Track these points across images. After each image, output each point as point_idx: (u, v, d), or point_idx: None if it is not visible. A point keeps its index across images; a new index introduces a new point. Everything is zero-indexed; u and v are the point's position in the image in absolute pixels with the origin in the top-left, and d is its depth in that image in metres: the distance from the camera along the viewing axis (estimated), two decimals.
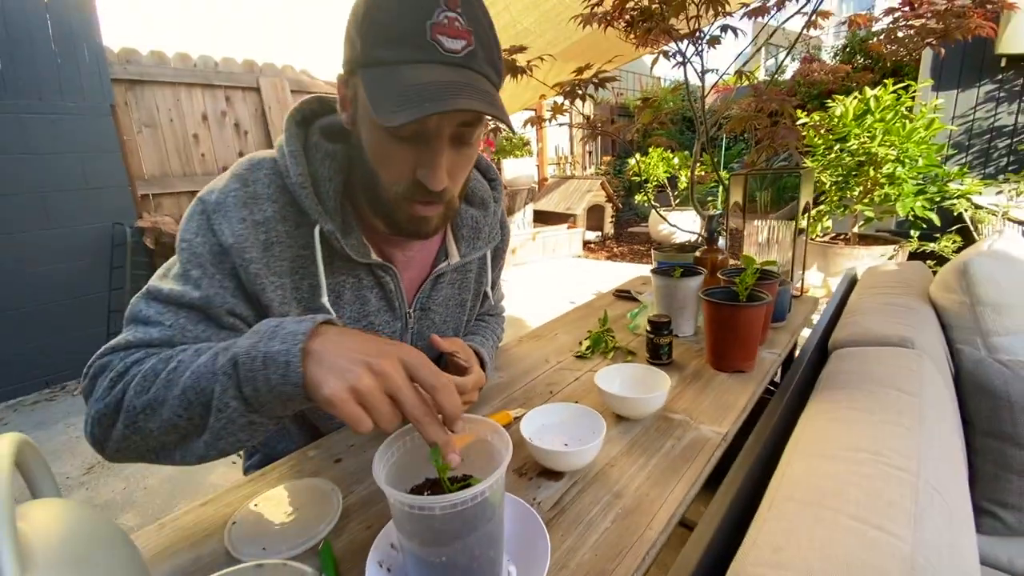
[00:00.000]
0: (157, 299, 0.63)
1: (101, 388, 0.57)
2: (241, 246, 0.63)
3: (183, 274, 0.63)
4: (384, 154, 0.61)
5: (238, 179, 0.66)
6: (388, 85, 0.54)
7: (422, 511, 0.42)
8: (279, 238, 0.66)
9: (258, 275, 0.65)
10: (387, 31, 0.54)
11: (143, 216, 3.23)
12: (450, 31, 0.54)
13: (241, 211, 0.64)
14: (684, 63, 1.75)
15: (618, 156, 8.15)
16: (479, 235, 0.83)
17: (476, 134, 0.62)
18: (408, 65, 0.54)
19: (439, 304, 0.84)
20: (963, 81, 3.88)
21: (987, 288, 1.06)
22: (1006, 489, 0.92)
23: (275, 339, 0.49)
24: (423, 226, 0.66)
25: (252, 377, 0.49)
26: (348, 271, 0.73)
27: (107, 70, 3.03)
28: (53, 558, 0.37)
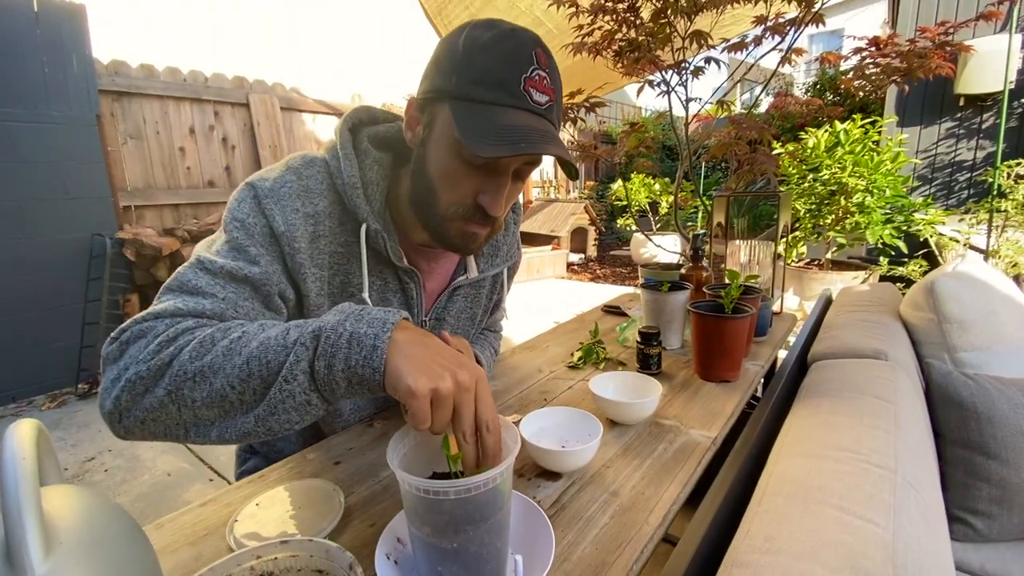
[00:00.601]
0: (210, 271, 0.62)
1: (144, 351, 0.54)
2: (292, 234, 0.67)
3: (238, 249, 0.64)
4: (452, 177, 0.66)
5: (293, 172, 0.70)
6: (482, 121, 0.60)
7: (436, 496, 0.44)
8: (325, 232, 0.71)
9: (303, 264, 0.68)
10: (487, 74, 0.61)
11: (124, 228, 3.19)
12: (539, 87, 0.62)
13: (295, 202, 0.68)
14: (668, 92, 1.84)
15: (601, 181, 8.34)
16: (497, 253, 0.89)
17: (531, 172, 0.71)
18: (501, 108, 0.61)
19: (453, 316, 0.88)
20: (925, 118, 4.12)
21: (952, 306, 1.13)
22: (976, 496, 0.97)
23: (362, 322, 0.50)
24: (472, 242, 0.71)
25: (332, 353, 0.49)
26: (376, 273, 0.77)
27: (95, 81, 3.02)
28: (75, 539, 0.38)
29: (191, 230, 3.32)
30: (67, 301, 2.96)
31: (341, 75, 4.24)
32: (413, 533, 0.48)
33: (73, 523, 0.39)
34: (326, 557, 0.36)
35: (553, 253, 5.85)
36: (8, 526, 0.35)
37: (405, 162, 0.75)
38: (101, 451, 2.32)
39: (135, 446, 2.34)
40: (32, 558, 0.34)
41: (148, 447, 2.33)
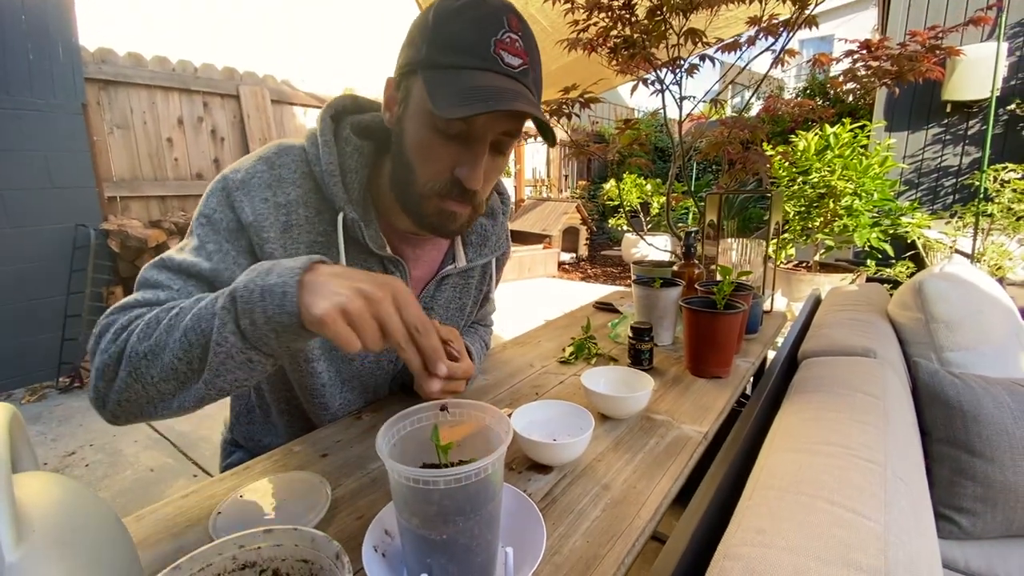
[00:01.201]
0: (168, 268, 0.66)
1: (105, 341, 0.59)
2: (260, 224, 0.67)
3: (198, 247, 0.66)
4: (428, 150, 0.64)
5: (265, 161, 0.69)
6: (450, 84, 0.58)
7: (426, 485, 0.43)
8: (298, 221, 0.70)
9: (273, 254, 0.68)
10: (455, 40, 0.60)
11: (109, 218, 3.13)
12: (511, 49, 0.60)
13: (264, 192, 0.67)
14: (663, 90, 1.84)
15: (593, 181, 8.36)
16: (486, 242, 0.88)
17: (511, 145, 0.67)
18: (470, 71, 0.59)
19: (441, 306, 0.87)
20: (913, 124, 4.18)
21: (939, 306, 1.14)
22: (961, 494, 0.98)
23: (271, 274, 0.52)
24: (450, 222, 0.69)
25: (250, 310, 0.51)
26: (361, 262, 0.75)
27: (81, 68, 2.95)
28: (49, 527, 0.37)
29: (178, 222, 3.27)
30: (49, 293, 2.90)
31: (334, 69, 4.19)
32: (402, 524, 0.47)
33: (47, 511, 0.38)
34: (311, 546, 0.35)
35: (544, 252, 5.85)
36: None
37: (387, 151, 0.73)
38: (82, 445, 2.27)
39: (117, 441, 2.30)
40: (2, 546, 0.33)
41: (131, 442, 2.29)
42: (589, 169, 8.51)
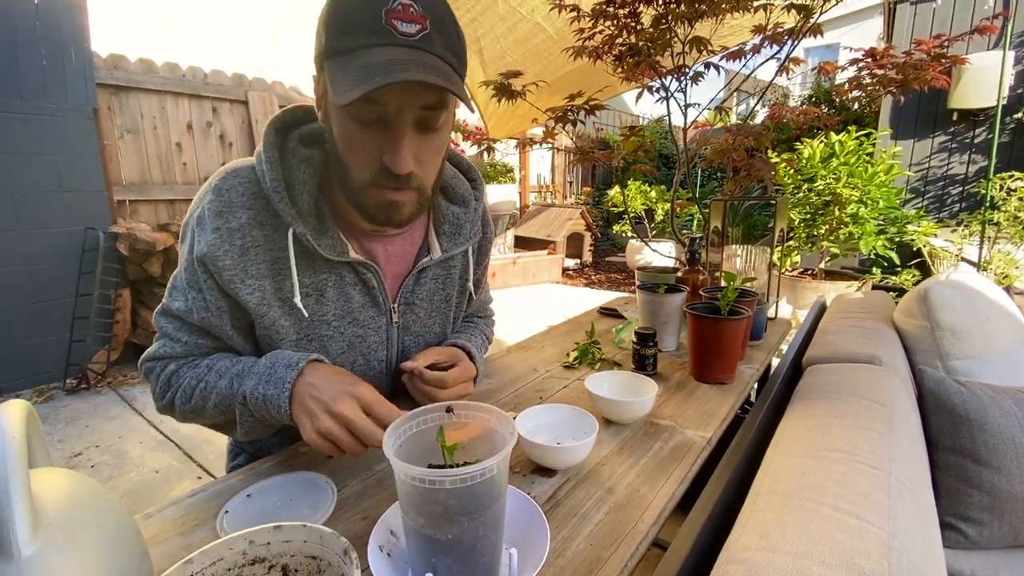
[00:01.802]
0: (170, 315, 0.74)
1: (156, 390, 0.75)
2: (214, 255, 0.68)
3: (184, 290, 0.73)
4: (351, 141, 0.63)
5: (214, 191, 0.69)
6: (347, 69, 0.57)
7: (431, 485, 0.43)
8: (255, 242, 0.70)
9: (232, 280, 0.69)
10: (346, 20, 0.58)
11: (118, 222, 3.16)
12: (404, 16, 0.57)
13: (216, 220, 0.68)
14: (667, 97, 1.85)
15: (597, 188, 8.37)
16: (460, 231, 0.84)
17: (441, 118, 0.63)
18: (365, 50, 0.57)
19: (423, 299, 0.84)
20: (919, 132, 4.17)
21: (945, 314, 1.14)
22: (967, 503, 0.97)
23: (270, 383, 0.65)
24: (394, 212, 0.67)
25: (258, 408, 0.66)
26: (330, 269, 0.74)
27: (93, 74, 3.00)
28: (62, 521, 0.37)
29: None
30: (58, 295, 2.93)
31: None
32: (407, 524, 0.48)
33: (61, 506, 0.39)
34: (320, 543, 0.36)
35: (549, 258, 5.86)
36: None
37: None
38: (88, 446, 2.29)
39: (123, 442, 2.31)
40: (19, 539, 0.34)
41: (136, 443, 2.30)
42: (594, 175, 8.53)
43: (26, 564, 0.34)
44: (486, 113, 3.54)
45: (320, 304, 0.74)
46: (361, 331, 0.78)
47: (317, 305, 0.74)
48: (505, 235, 5.94)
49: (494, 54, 3.10)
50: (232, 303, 0.72)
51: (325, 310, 0.75)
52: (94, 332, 2.97)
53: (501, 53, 3.12)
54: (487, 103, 3.41)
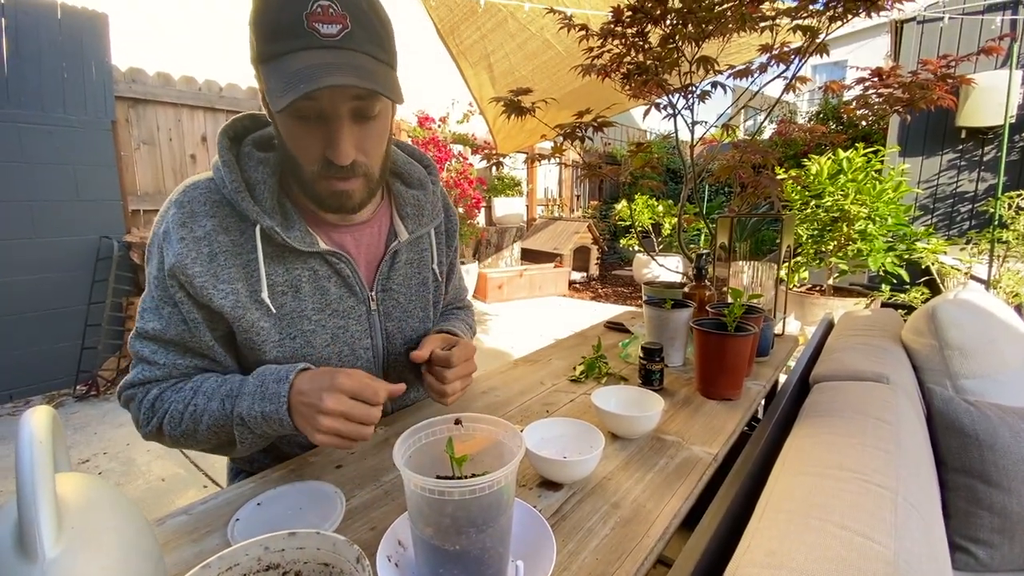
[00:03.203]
0: (145, 337, 0.74)
1: (140, 417, 0.74)
2: (182, 263, 0.69)
3: (156, 308, 0.73)
4: (296, 138, 0.67)
5: (175, 204, 0.72)
6: (277, 75, 0.60)
7: (441, 496, 0.44)
8: (222, 247, 0.71)
9: (204, 287, 0.69)
10: (272, 27, 0.61)
11: (132, 231, 3.21)
12: (324, 18, 0.60)
13: (180, 231, 0.69)
14: (675, 115, 1.87)
15: (605, 201, 8.40)
16: (422, 212, 0.87)
17: (375, 108, 0.67)
18: (292, 54, 0.60)
19: (399, 284, 0.86)
20: (927, 149, 4.17)
21: (954, 333, 1.14)
22: (977, 525, 0.96)
23: (265, 399, 0.66)
24: (345, 200, 0.71)
25: (259, 426, 0.67)
26: (302, 264, 0.76)
27: (112, 87, 3.08)
28: (84, 524, 0.39)
29: None
30: (71, 302, 2.98)
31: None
32: (416, 535, 0.48)
33: (83, 509, 0.40)
34: (333, 550, 0.37)
35: (555, 271, 5.87)
36: (22, 509, 0.35)
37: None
38: (96, 453, 2.30)
39: (130, 450, 2.33)
40: (44, 541, 0.35)
41: (143, 451, 2.31)
42: (601, 189, 8.57)
43: (50, 566, 0.35)
44: (494, 127, 3.59)
45: (297, 300, 0.76)
46: (343, 322, 0.80)
47: (295, 302, 0.75)
48: (512, 248, 5.96)
49: (504, 69, 3.15)
50: (207, 313, 0.72)
51: (303, 305, 0.76)
52: (105, 340, 3.00)
53: (511, 69, 3.17)
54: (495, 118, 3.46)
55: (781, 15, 1.61)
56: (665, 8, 1.64)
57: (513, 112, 1.79)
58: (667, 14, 1.66)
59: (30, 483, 0.36)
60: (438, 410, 0.94)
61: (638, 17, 1.69)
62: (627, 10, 1.70)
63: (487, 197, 6.08)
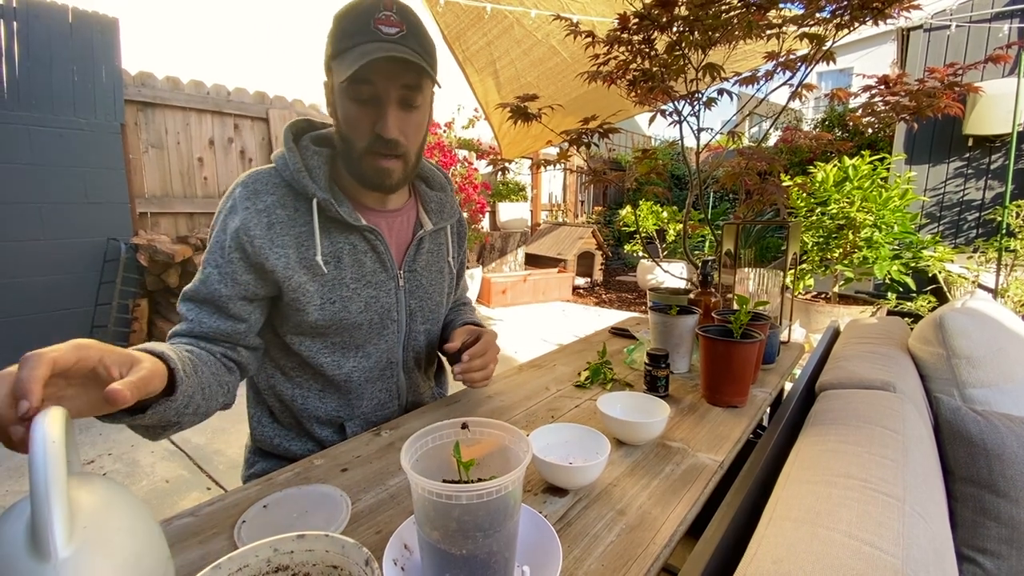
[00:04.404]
0: (185, 297, 0.83)
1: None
2: (246, 226, 0.81)
3: (202, 270, 0.83)
4: (351, 119, 0.81)
5: (241, 185, 0.85)
6: (347, 60, 0.76)
7: (449, 500, 0.44)
8: (279, 219, 0.84)
9: (262, 247, 0.81)
10: (347, 30, 0.78)
11: (139, 233, 3.24)
12: (387, 23, 0.77)
13: (246, 203, 0.83)
14: (680, 121, 1.88)
15: (609, 207, 8.41)
16: (444, 209, 1.03)
17: (418, 99, 0.82)
18: (360, 45, 0.76)
19: (423, 267, 0.99)
20: (934, 157, 4.16)
21: (961, 342, 1.13)
22: (985, 536, 0.95)
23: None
24: (385, 177, 0.85)
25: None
26: (344, 238, 0.88)
27: (122, 91, 3.11)
28: (96, 524, 0.39)
29: (204, 238, 3.37)
30: (78, 303, 3.00)
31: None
32: (422, 539, 0.48)
33: (95, 510, 0.40)
34: (342, 553, 0.37)
35: (559, 276, 5.87)
36: (35, 508, 0.36)
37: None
38: (101, 454, 2.31)
39: (135, 451, 2.34)
40: (57, 541, 0.35)
41: (148, 453, 2.32)
42: (605, 195, 8.58)
43: (62, 565, 0.35)
44: (500, 133, 3.60)
45: (339, 269, 0.87)
46: (375, 292, 0.91)
47: (336, 270, 0.87)
48: (516, 253, 5.97)
49: (509, 76, 3.17)
50: (259, 274, 0.83)
51: (343, 274, 0.88)
52: (112, 341, 3.01)
53: (516, 75, 3.19)
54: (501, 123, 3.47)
55: (788, 23, 1.61)
56: (672, 15, 1.65)
57: (519, 118, 1.80)
58: (674, 21, 1.67)
59: (43, 483, 0.36)
60: (443, 414, 0.95)
61: (644, 24, 1.70)
62: (634, 17, 1.71)
63: (492, 202, 6.09)
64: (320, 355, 0.90)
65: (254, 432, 0.98)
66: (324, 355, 0.90)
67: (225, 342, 0.83)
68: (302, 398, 0.93)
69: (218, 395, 0.77)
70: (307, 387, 0.93)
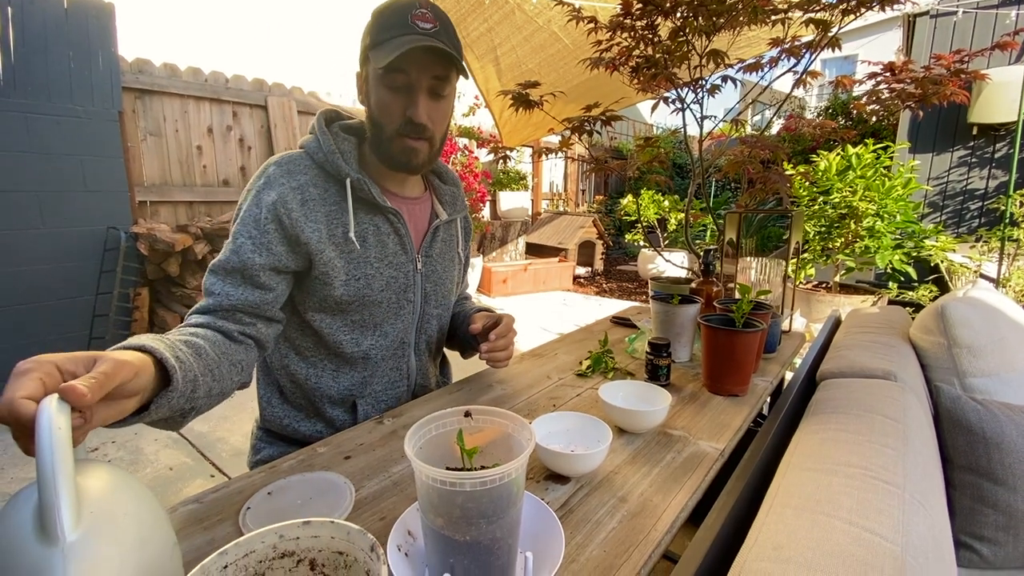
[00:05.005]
0: (212, 270, 0.83)
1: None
2: (283, 199, 0.85)
3: (232, 241, 0.84)
4: (384, 104, 0.86)
5: (275, 164, 0.89)
6: (384, 49, 0.82)
7: (452, 487, 0.45)
8: (312, 197, 0.87)
9: (297, 220, 0.85)
10: (385, 24, 0.84)
11: (139, 222, 3.23)
12: (423, 19, 0.83)
13: (282, 179, 0.87)
14: (683, 109, 1.86)
15: (610, 196, 8.37)
16: (456, 202, 1.09)
17: (446, 89, 0.88)
18: (397, 37, 0.82)
19: (438, 253, 1.04)
20: (938, 146, 4.13)
21: (962, 331, 1.13)
22: (982, 523, 0.96)
23: None
24: (412, 157, 0.90)
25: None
26: (369, 220, 0.92)
27: (119, 78, 3.08)
28: (102, 510, 0.39)
29: (204, 227, 3.36)
30: (79, 293, 3.00)
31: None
32: (426, 525, 0.49)
33: (101, 495, 0.41)
34: (347, 539, 0.37)
35: (560, 265, 5.87)
36: (42, 492, 0.36)
37: (363, 142, 0.96)
38: (104, 442, 2.33)
39: (138, 439, 2.35)
40: (64, 525, 0.36)
41: (151, 440, 2.34)
42: (606, 184, 8.54)
43: (70, 549, 0.36)
44: (500, 121, 3.57)
45: (364, 248, 0.91)
46: (395, 273, 0.95)
47: (362, 248, 0.91)
48: (517, 242, 5.96)
49: (511, 63, 3.14)
50: (293, 245, 0.85)
51: (368, 253, 0.92)
52: (113, 330, 3.03)
53: (517, 62, 3.15)
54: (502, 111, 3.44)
55: (793, 8, 1.59)
56: (675, 1, 1.63)
57: (521, 105, 1.78)
58: (678, 7, 1.64)
59: (50, 467, 0.36)
60: (446, 401, 0.95)
61: (648, 9, 1.67)
62: (637, 2, 1.69)
63: (492, 191, 6.07)
64: (340, 332, 0.93)
65: (263, 412, 0.99)
66: (344, 332, 0.93)
67: (249, 315, 0.83)
68: (316, 377, 0.94)
69: (231, 374, 0.75)
70: (321, 366, 0.95)
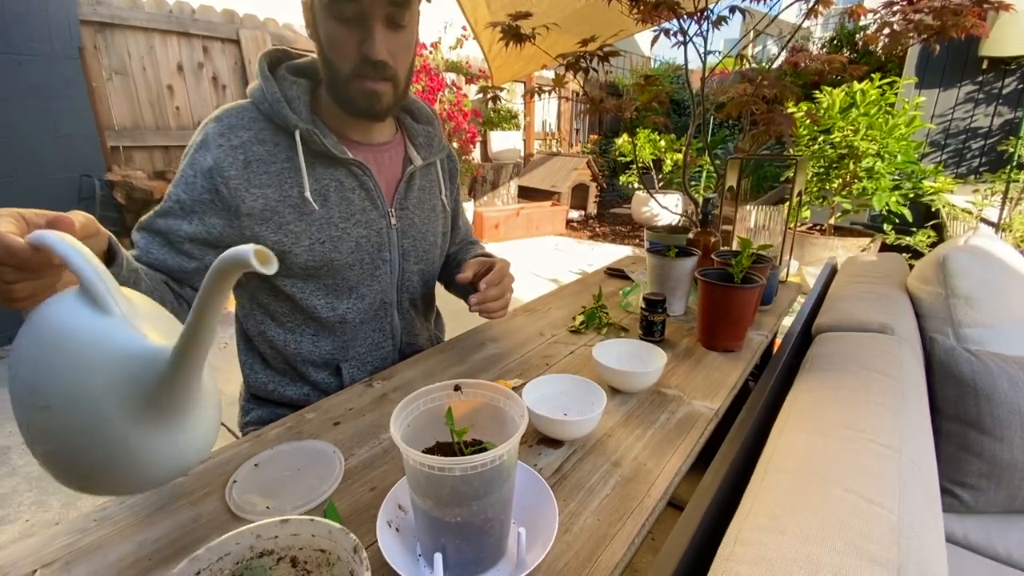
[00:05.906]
0: (140, 226, 0.80)
1: None
2: (220, 165, 0.76)
3: (165, 202, 0.78)
4: (336, 40, 0.76)
5: (213, 120, 0.80)
6: None
7: (441, 472, 0.43)
8: (257, 156, 0.79)
9: (237, 188, 0.77)
10: None
11: (113, 169, 3.08)
12: None
13: (219, 140, 0.77)
14: (686, 42, 1.73)
15: (604, 135, 8.11)
16: (432, 143, 0.98)
17: (405, 17, 0.77)
18: None
19: (415, 205, 0.95)
20: (945, 81, 3.97)
21: (962, 281, 1.11)
22: (965, 470, 0.98)
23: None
24: (375, 101, 0.80)
25: None
26: (330, 175, 0.83)
27: (75, 10, 2.83)
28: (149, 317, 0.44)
29: None
30: None
31: None
32: (416, 503, 0.47)
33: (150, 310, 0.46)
34: (329, 537, 0.35)
35: (552, 209, 5.76)
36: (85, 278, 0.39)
37: (320, 84, 0.85)
38: None
39: None
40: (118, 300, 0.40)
41: None
42: (601, 123, 8.24)
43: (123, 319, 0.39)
44: (490, 55, 3.36)
45: (326, 208, 0.83)
46: (365, 232, 0.87)
47: (323, 209, 0.83)
48: (508, 185, 5.81)
49: None
50: (231, 217, 0.78)
51: (331, 212, 0.83)
52: None
53: None
54: (491, 45, 3.23)
55: None
56: None
57: (511, 39, 1.65)
58: None
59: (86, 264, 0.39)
60: (436, 361, 0.93)
61: None
62: None
63: (483, 131, 5.83)
64: (313, 297, 0.87)
65: (247, 379, 0.97)
66: (317, 297, 0.87)
67: (169, 276, 0.79)
68: (295, 343, 0.90)
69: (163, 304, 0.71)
70: (299, 331, 0.90)
